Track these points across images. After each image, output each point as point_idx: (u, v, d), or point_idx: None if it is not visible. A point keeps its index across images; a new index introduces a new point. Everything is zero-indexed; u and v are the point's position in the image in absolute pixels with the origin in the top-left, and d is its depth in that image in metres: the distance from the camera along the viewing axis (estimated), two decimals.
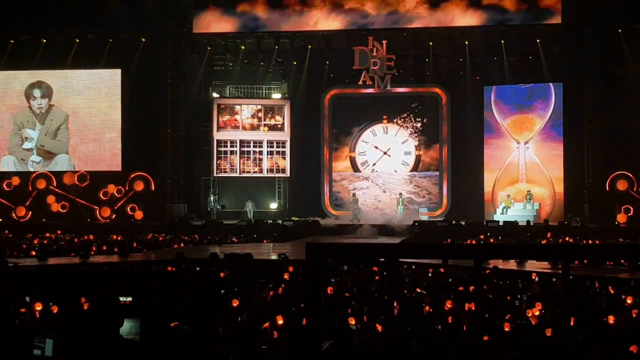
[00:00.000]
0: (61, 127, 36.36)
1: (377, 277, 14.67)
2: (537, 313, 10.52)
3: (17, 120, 36.57)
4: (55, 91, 36.41)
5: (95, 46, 35.60)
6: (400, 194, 36.33)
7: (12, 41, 35.72)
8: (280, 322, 9.38)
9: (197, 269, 16.65)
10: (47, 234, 30.28)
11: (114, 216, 35.48)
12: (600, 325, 9.58)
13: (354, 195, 36.75)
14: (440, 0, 34.64)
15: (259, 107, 37.99)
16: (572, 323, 8.54)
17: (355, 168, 38.16)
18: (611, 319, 9.88)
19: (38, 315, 9.41)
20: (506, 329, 9.17)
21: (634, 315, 9.80)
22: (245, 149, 37.71)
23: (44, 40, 35.62)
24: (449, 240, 26.83)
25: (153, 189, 35.45)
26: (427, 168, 37.66)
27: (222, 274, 14.24)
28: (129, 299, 5.03)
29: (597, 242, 25.48)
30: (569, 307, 3.89)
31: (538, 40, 34.40)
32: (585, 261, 18.37)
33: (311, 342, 3.21)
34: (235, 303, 10.77)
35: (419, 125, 37.39)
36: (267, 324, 9.22)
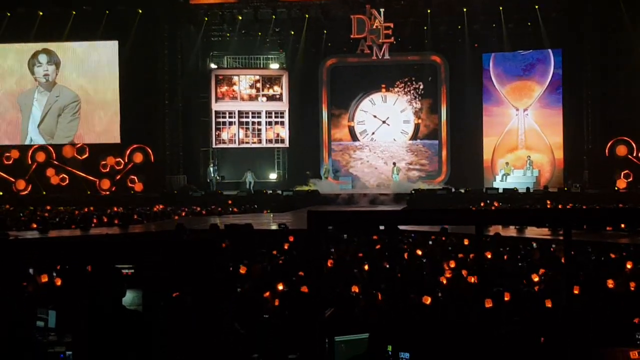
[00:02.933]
0: (66, 108, 36.19)
1: (377, 246, 14.70)
2: (536, 279, 10.56)
3: (21, 102, 36.48)
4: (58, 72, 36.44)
5: (91, 18, 35.37)
6: (394, 163, 36.28)
7: (9, 14, 35.56)
8: (281, 287, 9.43)
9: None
10: (48, 207, 30.32)
11: (113, 188, 35.51)
12: (601, 290, 9.63)
13: (325, 167, 36.75)
14: None
15: (257, 77, 37.88)
16: (575, 290, 8.59)
17: (354, 137, 38.15)
18: (610, 283, 9.92)
19: (41, 288, 9.45)
20: (506, 298, 9.20)
21: (632, 288, 9.81)
22: (244, 119, 37.65)
23: (41, 13, 35.43)
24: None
25: (152, 160, 35.45)
26: (426, 136, 37.65)
27: (223, 245, 14.28)
28: (131, 270, 5.05)
29: (597, 207, 25.53)
30: (570, 271, 3.91)
31: (537, 6, 34.19)
32: (585, 227, 18.46)
33: (314, 309, 3.23)
34: (236, 272, 10.82)
35: (417, 93, 37.33)
36: (267, 293, 9.27)
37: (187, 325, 5.72)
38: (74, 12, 35.31)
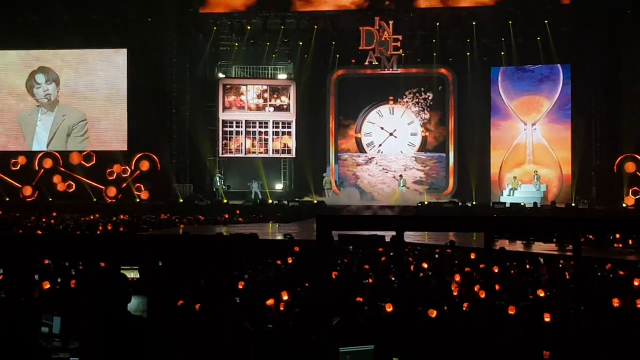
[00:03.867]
0: (76, 127, 36.22)
1: (383, 258, 14.64)
2: (542, 294, 10.49)
3: (23, 121, 36.55)
4: (62, 83, 36.41)
5: (101, 26, 35.49)
6: (401, 175, 36.28)
7: (19, 20, 35.70)
8: (285, 297, 9.37)
9: None
10: (54, 214, 30.31)
11: (120, 196, 35.51)
12: (607, 307, 9.55)
13: (324, 177, 36.61)
14: None
15: (265, 87, 37.88)
16: (581, 306, 8.52)
17: (360, 149, 38.11)
18: (615, 302, 9.82)
19: (46, 293, 9.42)
20: (511, 312, 9.14)
21: (638, 305, 9.73)
22: (251, 129, 37.64)
23: (51, 20, 35.55)
24: None
25: (159, 169, 35.45)
26: (433, 149, 37.58)
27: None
28: (137, 275, 5.02)
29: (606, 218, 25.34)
30: (578, 284, 3.86)
31: (546, 21, 34.21)
32: (592, 237, 18.35)
33: (321, 313, 3.18)
34: (240, 284, 10.76)
35: (425, 106, 37.30)
36: (271, 301, 9.22)
37: (192, 331, 5.69)
38: (83, 20, 35.41)
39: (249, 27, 36.82)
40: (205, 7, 36.66)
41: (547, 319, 8.58)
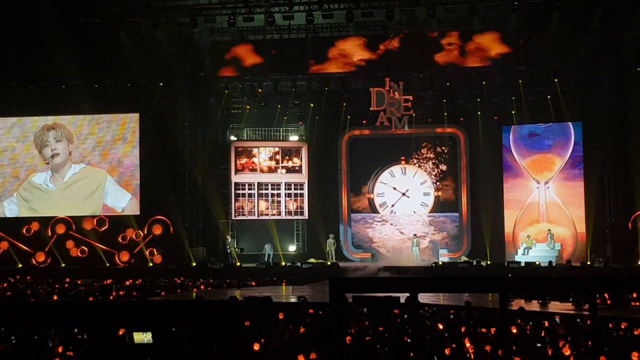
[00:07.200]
0: (89, 187, 36.30)
1: (398, 320, 14.48)
2: (567, 353, 10.33)
3: (35, 181, 36.63)
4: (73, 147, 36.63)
5: (113, 91, 35.87)
6: (415, 235, 36.17)
7: (32, 87, 36.08)
8: None
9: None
10: (67, 279, 30.21)
11: (132, 260, 35.43)
12: None
13: (329, 238, 36.43)
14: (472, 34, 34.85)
15: (277, 149, 38.03)
16: None
17: (373, 209, 38.03)
18: (635, 356, 9.68)
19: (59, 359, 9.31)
20: None
21: None
22: (263, 191, 37.69)
23: (63, 86, 35.94)
24: None
25: (172, 232, 35.41)
26: (446, 209, 37.46)
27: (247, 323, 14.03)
28: (149, 340, 4.94)
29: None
30: (596, 340, 3.76)
31: (556, 80, 34.35)
32: (609, 302, 18.16)
33: None
34: (255, 347, 10.64)
35: (437, 165, 37.31)
36: None
37: None
38: (96, 85, 35.80)
39: (260, 90, 37.12)
40: (217, 70, 37.00)
41: None
